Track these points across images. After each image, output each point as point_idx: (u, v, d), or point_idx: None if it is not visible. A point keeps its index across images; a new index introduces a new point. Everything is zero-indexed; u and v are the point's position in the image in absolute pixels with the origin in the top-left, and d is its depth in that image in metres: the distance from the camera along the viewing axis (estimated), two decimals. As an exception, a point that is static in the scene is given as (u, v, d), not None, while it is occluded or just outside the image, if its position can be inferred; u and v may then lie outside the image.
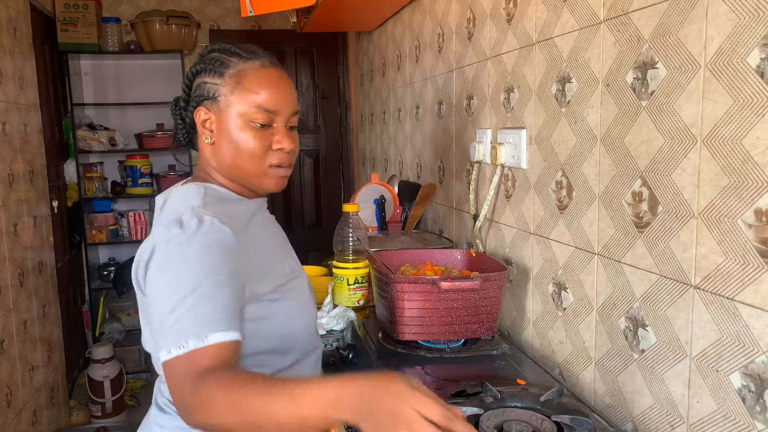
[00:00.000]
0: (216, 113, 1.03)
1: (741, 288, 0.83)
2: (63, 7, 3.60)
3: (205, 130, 1.05)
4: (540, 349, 1.39)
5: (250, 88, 1.01)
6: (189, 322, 0.85)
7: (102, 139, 3.91)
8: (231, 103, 1.02)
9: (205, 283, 0.87)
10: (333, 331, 1.58)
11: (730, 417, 0.86)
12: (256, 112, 1.01)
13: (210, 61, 1.04)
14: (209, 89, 1.03)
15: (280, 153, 1.04)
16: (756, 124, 0.79)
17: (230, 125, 1.02)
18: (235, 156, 1.03)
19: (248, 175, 1.05)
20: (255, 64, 1.04)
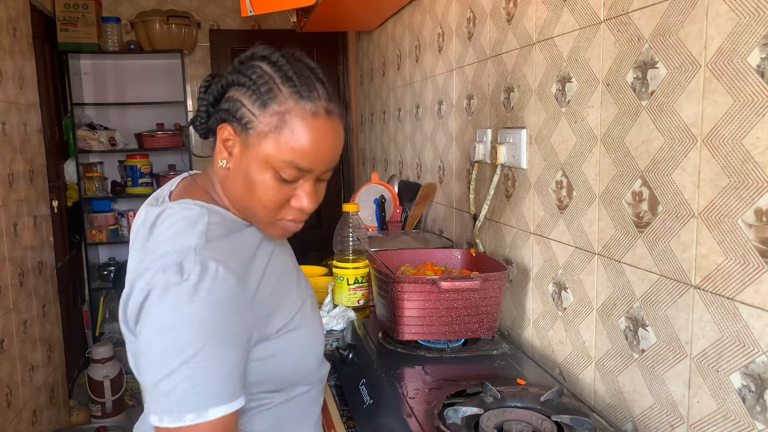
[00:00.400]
0: (241, 141, 0.88)
1: (741, 288, 0.83)
2: (63, 6, 3.60)
3: (224, 149, 0.90)
4: (540, 349, 1.39)
5: (290, 138, 0.85)
6: (188, 393, 0.77)
7: (102, 139, 3.91)
8: (262, 144, 0.86)
9: (207, 349, 0.78)
10: (333, 331, 1.58)
11: (730, 417, 0.86)
12: (286, 167, 0.86)
13: (256, 79, 0.87)
14: (243, 114, 0.87)
15: (297, 211, 0.92)
16: (756, 123, 0.79)
17: (252, 164, 0.87)
18: (247, 196, 0.90)
19: (253, 218, 0.93)
20: (307, 108, 0.86)
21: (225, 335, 0.80)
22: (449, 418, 0.98)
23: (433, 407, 1.02)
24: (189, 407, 0.77)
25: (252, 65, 0.89)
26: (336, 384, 1.39)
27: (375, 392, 1.17)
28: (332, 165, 0.91)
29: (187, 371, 0.77)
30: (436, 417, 0.98)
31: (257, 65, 0.89)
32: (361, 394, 1.20)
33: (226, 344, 0.80)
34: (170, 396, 0.77)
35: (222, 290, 0.80)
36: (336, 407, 1.28)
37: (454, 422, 0.98)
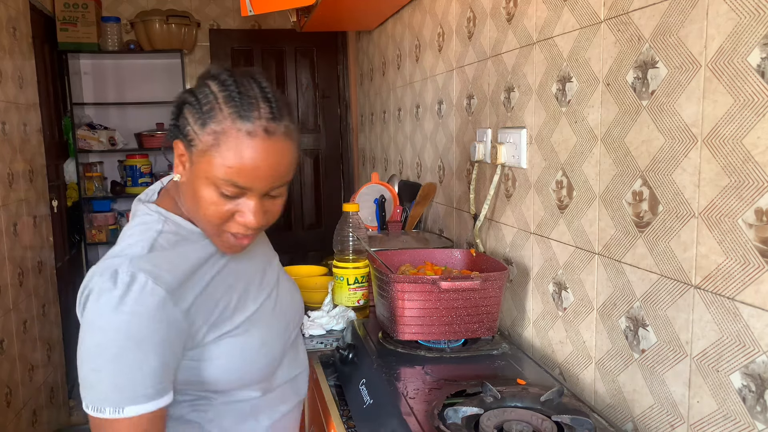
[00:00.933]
0: (188, 157, 0.92)
1: (741, 288, 0.83)
2: (63, 6, 3.60)
3: (179, 164, 0.94)
4: (540, 349, 1.39)
5: (225, 156, 0.87)
6: (108, 390, 0.84)
7: (102, 139, 3.91)
8: (202, 161, 0.89)
9: (129, 353, 0.84)
10: (333, 331, 1.58)
11: (730, 417, 0.86)
12: (224, 184, 0.88)
13: (201, 98, 0.90)
14: (188, 132, 0.90)
15: (240, 226, 0.93)
16: (756, 123, 0.79)
17: (197, 179, 0.90)
18: (194, 209, 0.93)
19: (204, 230, 0.96)
20: (243, 128, 0.87)
21: (147, 342, 0.85)
22: (449, 418, 0.98)
23: (433, 407, 1.02)
24: (108, 402, 0.84)
25: (202, 84, 0.92)
26: (336, 384, 1.39)
27: (375, 392, 1.16)
28: (277, 183, 0.92)
29: (109, 370, 0.84)
30: (436, 417, 0.98)
31: (207, 84, 0.91)
32: (361, 394, 1.20)
33: (147, 351, 0.85)
34: (94, 389, 0.85)
35: (147, 302, 0.85)
36: (336, 407, 1.28)
37: (454, 422, 0.98)
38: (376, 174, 2.39)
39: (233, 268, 1.00)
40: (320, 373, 1.45)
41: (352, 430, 1.18)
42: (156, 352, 0.86)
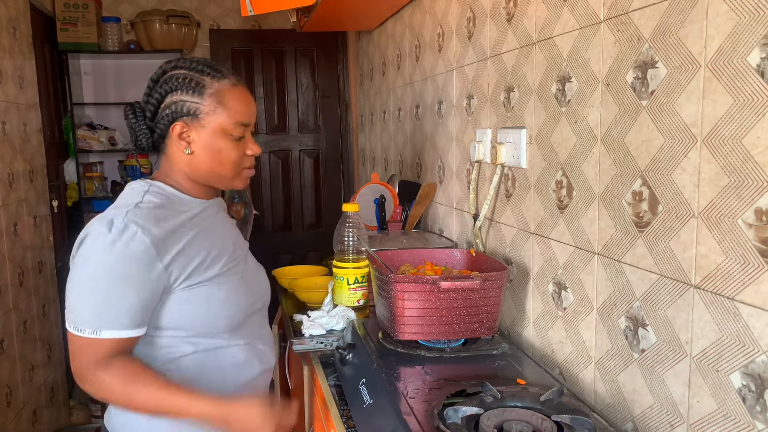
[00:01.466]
0: (196, 128, 1.15)
1: (741, 288, 0.83)
2: (63, 6, 3.60)
3: (183, 141, 1.16)
4: (540, 349, 1.39)
5: (230, 106, 1.16)
6: (90, 315, 1.05)
7: (102, 139, 3.91)
8: (213, 121, 1.15)
9: (115, 290, 1.05)
10: (333, 330, 1.58)
11: (730, 417, 0.86)
12: (235, 128, 1.16)
13: (183, 80, 1.14)
14: (189, 107, 1.14)
15: (251, 159, 1.22)
16: (756, 123, 0.79)
17: (212, 138, 1.15)
18: (215, 164, 1.17)
19: (224, 179, 1.20)
20: (227, 83, 1.17)
21: (130, 280, 1.05)
22: (449, 418, 0.98)
23: (433, 407, 1.02)
24: (89, 325, 1.05)
25: (171, 75, 1.16)
26: (336, 384, 1.39)
27: (375, 392, 1.17)
28: (255, 117, 1.22)
29: (95, 299, 1.05)
30: (436, 417, 0.98)
31: (174, 73, 1.16)
32: (361, 394, 1.20)
33: (130, 287, 1.05)
34: (78, 312, 1.06)
35: (135, 248, 1.05)
36: (336, 407, 1.28)
37: (454, 422, 0.98)
38: (376, 174, 2.39)
39: (209, 234, 1.19)
40: (320, 373, 1.45)
41: (352, 430, 1.18)
42: (137, 289, 1.06)
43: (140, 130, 1.18)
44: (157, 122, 1.17)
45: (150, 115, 1.17)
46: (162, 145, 1.20)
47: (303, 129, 4.21)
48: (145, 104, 1.18)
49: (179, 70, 1.16)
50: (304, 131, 4.21)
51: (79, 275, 1.07)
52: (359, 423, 1.16)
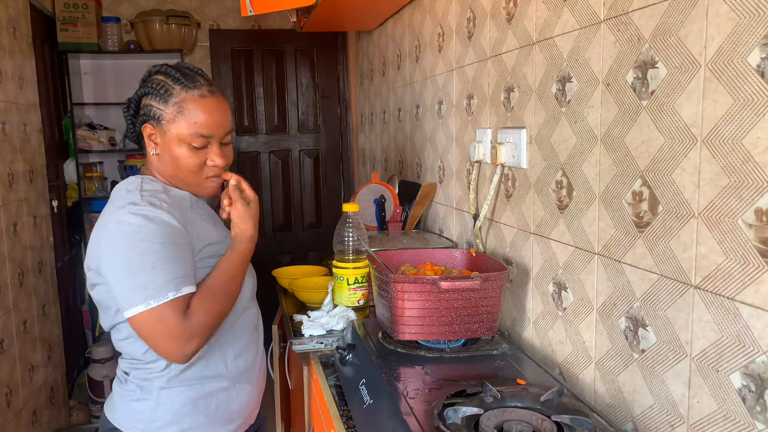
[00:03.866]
0: (160, 132, 1.23)
1: (741, 288, 0.83)
2: (63, 6, 3.60)
3: (151, 142, 1.25)
4: (540, 349, 1.39)
5: (189, 116, 1.21)
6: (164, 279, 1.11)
7: (102, 139, 3.91)
8: (172, 128, 1.21)
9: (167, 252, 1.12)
10: (333, 331, 1.58)
11: (730, 417, 0.86)
12: (193, 137, 1.21)
13: (155, 86, 1.22)
14: (154, 112, 1.22)
15: (213, 168, 1.26)
16: (756, 123, 0.79)
17: (172, 144, 1.22)
18: (176, 169, 1.24)
19: (187, 185, 1.27)
20: (194, 94, 1.21)
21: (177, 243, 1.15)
22: (449, 418, 0.98)
23: (433, 407, 1.02)
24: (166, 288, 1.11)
25: (151, 79, 1.24)
26: (336, 384, 1.38)
27: (375, 392, 1.16)
28: (227, 128, 1.26)
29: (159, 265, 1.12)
30: (436, 417, 0.98)
31: (154, 78, 1.24)
32: (361, 394, 1.20)
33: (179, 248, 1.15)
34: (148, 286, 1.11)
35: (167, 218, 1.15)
36: (336, 407, 1.28)
37: (454, 422, 0.98)
38: (376, 174, 2.39)
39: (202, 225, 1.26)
40: (320, 373, 1.45)
41: (352, 430, 1.18)
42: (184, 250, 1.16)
43: (128, 122, 1.29)
44: (135, 121, 1.27)
45: (132, 113, 1.28)
46: (142, 142, 1.29)
47: (303, 129, 4.21)
48: (131, 102, 1.28)
49: (159, 75, 1.24)
50: (304, 131, 4.21)
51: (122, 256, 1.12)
52: (359, 423, 1.16)
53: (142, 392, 1.23)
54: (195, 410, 1.23)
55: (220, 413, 1.26)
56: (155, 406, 1.22)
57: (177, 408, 1.22)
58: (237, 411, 1.30)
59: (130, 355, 1.25)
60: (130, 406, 1.23)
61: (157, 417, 1.21)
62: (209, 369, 1.25)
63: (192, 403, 1.23)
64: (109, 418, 1.26)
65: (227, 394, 1.27)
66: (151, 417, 1.22)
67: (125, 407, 1.24)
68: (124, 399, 1.25)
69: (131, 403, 1.23)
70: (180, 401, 1.22)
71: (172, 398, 1.22)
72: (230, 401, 1.28)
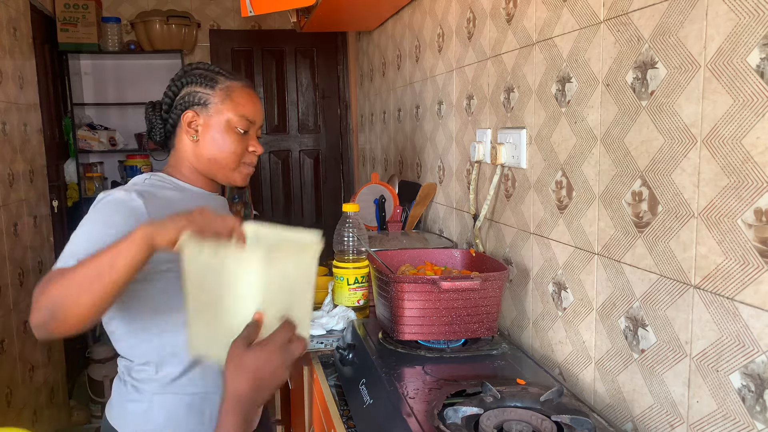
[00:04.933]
0: (204, 116, 1.25)
1: (741, 288, 0.83)
2: (63, 7, 3.60)
3: (191, 129, 1.26)
4: (540, 349, 1.39)
5: (237, 101, 1.26)
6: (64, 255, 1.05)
7: (102, 139, 3.91)
8: (221, 111, 1.25)
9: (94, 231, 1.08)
10: (333, 331, 1.58)
11: (730, 417, 0.86)
12: (240, 120, 1.26)
13: (199, 76, 1.27)
14: (200, 97, 1.25)
15: (253, 155, 1.30)
16: (756, 123, 0.79)
17: (217, 128, 1.25)
18: (218, 152, 1.26)
19: (224, 169, 1.28)
20: (238, 83, 1.28)
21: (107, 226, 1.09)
22: (449, 418, 0.98)
23: (433, 407, 1.02)
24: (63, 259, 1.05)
25: (192, 72, 1.29)
26: (336, 384, 1.39)
27: (375, 392, 1.17)
28: (262, 122, 1.33)
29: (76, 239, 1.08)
30: (436, 417, 0.98)
31: (195, 71, 1.29)
32: (361, 394, 1.20)
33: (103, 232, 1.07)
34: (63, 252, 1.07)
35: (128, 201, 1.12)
36: (336, 407, 1.28)
37: (454, 422, 0.98)
38: (376, 174, 2.39)
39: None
40: (320, 373, 1.45)
41: (352, 430, 1.18)
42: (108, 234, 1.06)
43: (156, 122, 1.30)
44: (171, 112, 1.28)
45: (166, 107, 1.29)
46: (173, 137, 1.30)
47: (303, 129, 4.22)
48: (163, 99, 1.30)
49: (198, 69, 1.29)
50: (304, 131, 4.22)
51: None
52: (359, 423, 1.16)
53: (137, 393, 1.22)
54: (189, 414, 1.22)
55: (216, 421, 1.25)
56: (149, 407, 1.21)
57: (170, 412, 1.21)
58: None
59: (126, 357, 1.25)
60: (126, 406, 1.23)
61: (151, 419, 1.21)
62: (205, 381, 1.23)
63: (186, 408, 1.22)
64: (108, 418, 1.26)
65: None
66: (145, 419, 1.21)
67: (122, 408, 1.24)
68: (121, 399, 1.25)
69: (127, 404, 1.23)
70: (173, 406, 1.21)
71: (166, 403, 1.21)
72: None
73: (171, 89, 1.29)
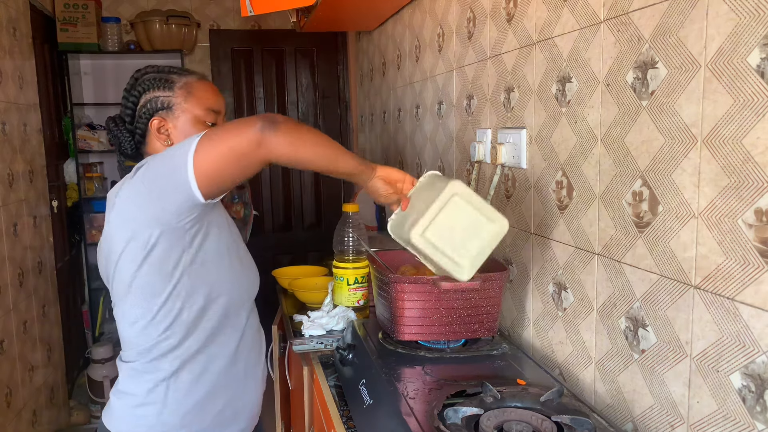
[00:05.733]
0: (171, 119, 1.25)
1: (741, 288, 0.83)
2: (63, 6, 3.60)
3: (161, 135, 1.25)
4: (540, 349, 1.39)
5: (199, 95, 1.26)
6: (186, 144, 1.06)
7: (102, 139, 3.91)
8: (186, 109, 1.24)
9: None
10: (333, 331, 1.58)
11: (730, 417, 0.86)
12: (207, 114, 1.25)
13: (153, 80, 1.25)
14: (162, 101, 1.24)
15: None
16: (756, 123, 0.79)
17: (186, 127, 1.24)
18: None
19: None
20: (193, 78, 1.28)
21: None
22: (449, 418, 0.98)
23: (433, 407, 1.02)
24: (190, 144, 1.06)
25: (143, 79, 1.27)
26: (336, 384, 1.39)
27: (375, 392, 1.17)
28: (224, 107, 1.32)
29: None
30: (436, 417, 0.98)
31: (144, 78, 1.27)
32: (361, 394, 1.20)
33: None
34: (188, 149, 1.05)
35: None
36: (336, 407, 1.28)
37: (454, 422, 0.98)
38: (376, 174, 2.38)
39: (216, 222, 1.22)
40: (320, 373, 1.45)
41: (352, 430, 1.18)
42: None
43: (122, 136, 1.28)
44: (136, 123, 1.26)
45: (129, 119, 1.27)
46: (143, 146, 1.29)
47: (303, 129, 4.21)
48: (123, 111, 1.28)
49: (148, 74, 1.27)
50: (304, 131, 4.21)
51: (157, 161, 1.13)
52: (359, 423, 1.16)
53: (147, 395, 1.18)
54: (203, 412, 1.20)
55: (228, 413, 1.23)
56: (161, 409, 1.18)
57: (184, 412, 1.19)
58: (242, 409, 1.27)
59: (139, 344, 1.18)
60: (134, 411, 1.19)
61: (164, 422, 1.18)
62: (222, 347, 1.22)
63: (199, 406, 1.20)
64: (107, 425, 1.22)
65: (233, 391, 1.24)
66: (157, 421, 1.18)
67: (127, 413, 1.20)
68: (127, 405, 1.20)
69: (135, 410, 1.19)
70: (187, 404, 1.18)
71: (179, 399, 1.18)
72: (236, 399, 1.25)
73: (129, 100, 1.27)
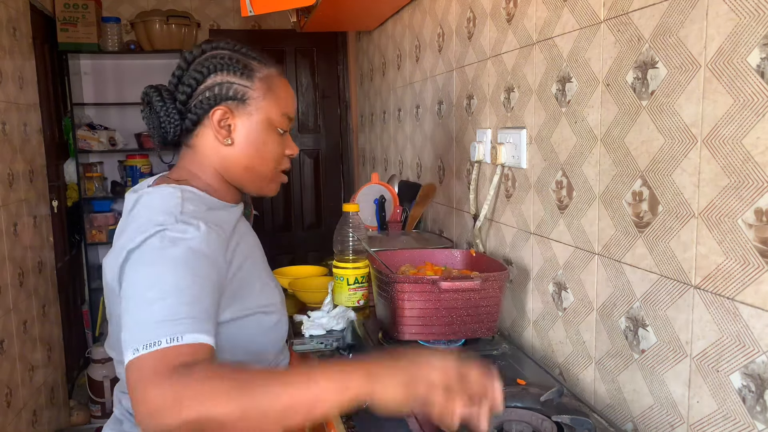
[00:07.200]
0: (242, 115, 1.00)
1: (741, 288, 0.83)
2: (63, 6, 3.60)
3: (222, 129, 0.99)
4: (540, 349, 1.39)
5: (279, 95, 1.03)
6: (165, 320, 0.76)
7: (102, 139, 3.91)
8: (261, 108, 1.00)
9: (191, 288, 0.80)
10: (333, 331, 1.58)
11: (730, 417, 0.86)
12: (282, 119, 1.03)
13: (229, 61, 1.00)
14: (237, 90, 0.99)
15: (288, 160, 1.07)
16: (756, 123, 0.79)
17: (258, 129, 1.01)
18: (256, 159, 1.02)
19: (259, 179, 1.04)
20: (274, 72, 1.04)
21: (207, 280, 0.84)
22: (449, 418, 0.98)
23: (433, 407, 1.02)
24: (165, 333, 0.75)
25: (212, 55, 1.02)
26: (336, 384, 1.38)
27: (375, 392, 1.16)
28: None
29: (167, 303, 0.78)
30: (436, 417, 0.98)
31: (217, 53, 1.02)
32: (361, 394, 1.20)
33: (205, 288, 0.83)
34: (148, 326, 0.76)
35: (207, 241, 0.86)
36: (336, 407, 1.28)
37: (454, 422, 0.98)
38: (376, 174, 2.39)
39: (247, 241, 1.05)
40: (320, 374, 1.45)
41: (352, 431, 1.18)
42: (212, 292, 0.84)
43: (169, 115, 0.99)
44: (192, 106, 0.99)
45: (183, 98, 0.99)
46: (189, 136, 1.02)
47: (303, 129, 4.22)
48: (176, 84, 1.01)
49: (224, 51, 1.02)
50: (304, 131, 4.21)
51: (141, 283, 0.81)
52: (359, 423, 1.16)
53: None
54: None
55: None
56: None
57: None
58: None
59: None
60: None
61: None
62: None
63: None
64: None
65: None
66: None
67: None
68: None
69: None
70: None
71: None
72: None
73: (192, 75, 0.99)
